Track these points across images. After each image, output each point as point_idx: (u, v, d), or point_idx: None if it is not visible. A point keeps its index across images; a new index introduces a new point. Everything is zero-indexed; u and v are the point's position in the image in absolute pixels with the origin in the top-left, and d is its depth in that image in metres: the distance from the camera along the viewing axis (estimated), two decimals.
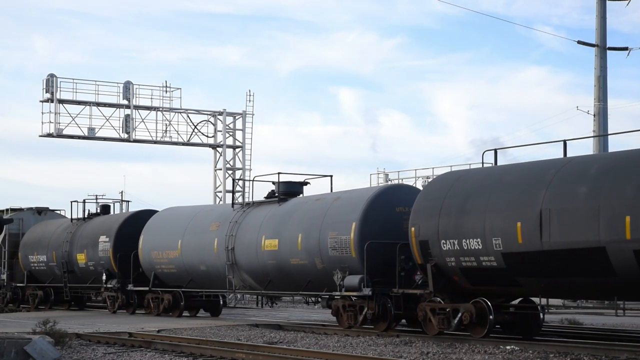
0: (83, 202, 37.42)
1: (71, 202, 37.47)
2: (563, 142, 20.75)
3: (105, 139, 50.62)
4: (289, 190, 28.34)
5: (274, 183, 28.70)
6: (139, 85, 50.55)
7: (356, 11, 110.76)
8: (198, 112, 52.49)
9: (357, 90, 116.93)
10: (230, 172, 53.01)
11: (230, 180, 52.61)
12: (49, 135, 49.04)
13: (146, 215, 33.60)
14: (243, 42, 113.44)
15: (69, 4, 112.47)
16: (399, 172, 53.84)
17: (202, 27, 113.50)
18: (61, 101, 48.98)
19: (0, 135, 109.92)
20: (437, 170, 49.61)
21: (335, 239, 24.55)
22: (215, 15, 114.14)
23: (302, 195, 28.39)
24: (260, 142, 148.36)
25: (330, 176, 28.74)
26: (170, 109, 51.23)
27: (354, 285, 23.85)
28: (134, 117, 50.24)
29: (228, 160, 53.08)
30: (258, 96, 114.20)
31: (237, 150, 53.27)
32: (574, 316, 30.93)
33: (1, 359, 17.20)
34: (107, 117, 49.81)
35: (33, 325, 22.52)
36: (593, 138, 47.37)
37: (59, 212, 41.83)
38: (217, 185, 53.15)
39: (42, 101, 49.22)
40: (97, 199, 38.64)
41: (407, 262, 23.05)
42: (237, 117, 53.29)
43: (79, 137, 49.99)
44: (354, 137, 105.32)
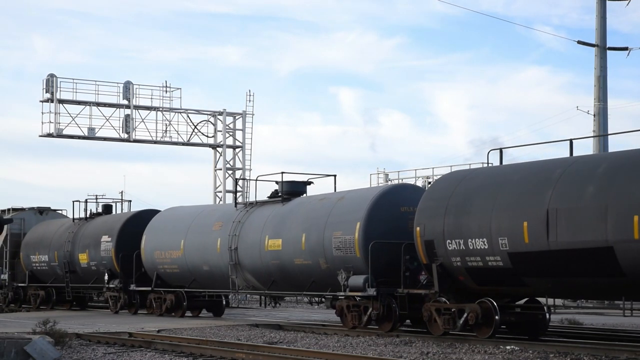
0: (85, 202, 37.35)
1: (73, 202, 37.50)
2: (569, 141, 20.67)
3: (105, 139, 50.59)
4: (293, 189, 28.24)
5: (277, 183, 28.60)
6: (139, 85, 50.59)
7: (356, 11, 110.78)
8: (198, 112, 52.46)
9: (357, 90, 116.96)
10: (230, 172, 52.97)
11: (230, 180, 52.64)
12: (49, 135, 49.00)
13: (148, 215, 33.52)
14: (243, 42, 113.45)
15: (69, 4, 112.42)
16: (399, 172, 53.79)
17: (202, 27, 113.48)
18: (61, 101, 48.94)
19: (0, 135, 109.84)
20: (437, 170, 49.63)
21: (339, 238, 24.46)
22: (215, 15, 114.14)
23: (306, 194, 28.28)
24: (260, 142, 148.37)
25: (333, 176, 28.70)
26: (170, 109, 51.18)
27: (358, 286, 23.75)
28: (134, 117, 50.20)
29: (228, 160, 53.04)
30: (258, 96, 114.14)
31: (237, 150, 53.22)
32: (574, 316, 30.90)
33: (1, 359, 17.14)
34: (107, 117, 49.83)
35: (33, 325, 22.47)
36: (593, 138, 47.32)
37: (60, 212, 41.77)
38: (217, 185, 53.12)
39: (42, 101, 49.20)
40: (97, 199, 38.53)
41: (411, 262, 22.96)
42: (237, 117, 53.25)
43: (79, 137, 49.96)
44: (354, 137, 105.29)
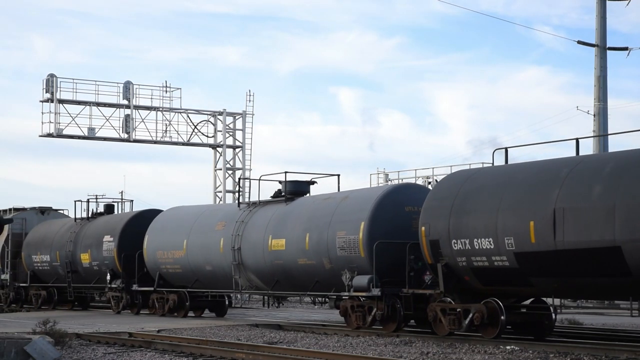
0: (87, 201, 37.30)
1: (75, 202, 37.39)
2: (575, 140, 20.64)
3: (105, 139, 50.57)
4: (296, 189, 28.15)
5: (280, 182, 28.54)
6: (139, 85, 50.58)
7: (356, 11, 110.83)
8: (198, 112, 52.43)
9: (356, 90, 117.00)
10: (230, 172, 52.93)
11: (230, 180, 52.66)
12: (49, 135, 48.97)
13: (151, 214, 33.41)
14: (243, 42, 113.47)
15: (69, 4, 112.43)
16: (399, 172, 53.77)
17: (201, 27, 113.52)
18: (61, 101, 48.91)
19: (0, 135, 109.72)
20: (437, 170, 49.64)
21: (343, 238, 24.37)
22: (215, 15, 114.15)
23: (309, 194, 28.21)
24: (260, 142, 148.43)
25: (337, 175, 28.67)
26: (170, 109, 51.15)
27: (362, 286, 23.64)
28: (134, 117, 50.18)
29: (228, 160, 53.00)
30: (258, 96, 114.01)
31: (237, 150, 53.19)
32: (574, 316, 30.87)
33: (1, 359, 17.09)
34: (107, 117, 49.82)
35: (33, 325, 22.44)
36: (593, 138, 47.28)
37: (62, 211, 41.67)
38: (217, 185, 53.08)
39: (42, 101, 49.19)
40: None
41: (416, 262, 22.86)
42: (237, 117, 53.23)
43: (79, 137, 49.94)
44: (354, 137, 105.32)
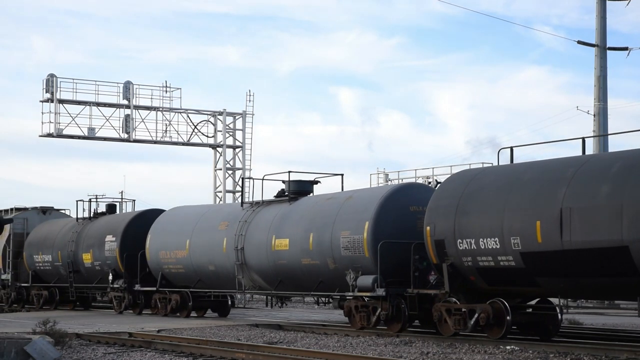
0: (89, 201, 37.23)
1: (77, 202, 37.34)
2: (582, 139, 20.57)
3: (105, 139, 50.58)
4: (300, 189, 28.07)
5: (284, 182, 28.48)
6: (138, 85, 50.61)
7: (355, 11, 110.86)
8: (198, 112, 52.43)
9: (356, 90, 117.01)
10: (230, 172, 52.91)
11: (230, 180, 52.63)
12: (49, 135, 48.96)
13: (153, 214, 33.33)
14: (242, 42, 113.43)
15: (69, 4, 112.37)
16: (399, 172, 53.79)
17: (201, 27, 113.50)
18: (61, 101, 48.91)
19: (0, 135, 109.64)
20: (437, 170, 49.66)
21: (347, 238, 24.30)
22: (215, 15, 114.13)
23: (313, 194, 28.14)
24: (260, 142, 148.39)
25: (341, 175, 28.62)
26: (170, 109, 51.14)
27: (367, 286, 23.57)
28: (134, 117, 50.18)
29: (228, 160, 53.00)
30: (258, 96, 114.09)
31: (237, 150, 53.19)
32: (574, 316, 30.83)
33: (1, 359, 17.06)
34: (107, 117, 49.84)
35: (33, 325, 22.43)
36: (593, 138, 47.28)
37: (63, 211, 41.61)
38: (217, 185, 53.06)
39: (42, 101, 49.20)
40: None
41: (421, 261, 22.80)
42: (237, 117, 53.23)
43: (79, 137, 49.94)
44: (353, 137, 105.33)
